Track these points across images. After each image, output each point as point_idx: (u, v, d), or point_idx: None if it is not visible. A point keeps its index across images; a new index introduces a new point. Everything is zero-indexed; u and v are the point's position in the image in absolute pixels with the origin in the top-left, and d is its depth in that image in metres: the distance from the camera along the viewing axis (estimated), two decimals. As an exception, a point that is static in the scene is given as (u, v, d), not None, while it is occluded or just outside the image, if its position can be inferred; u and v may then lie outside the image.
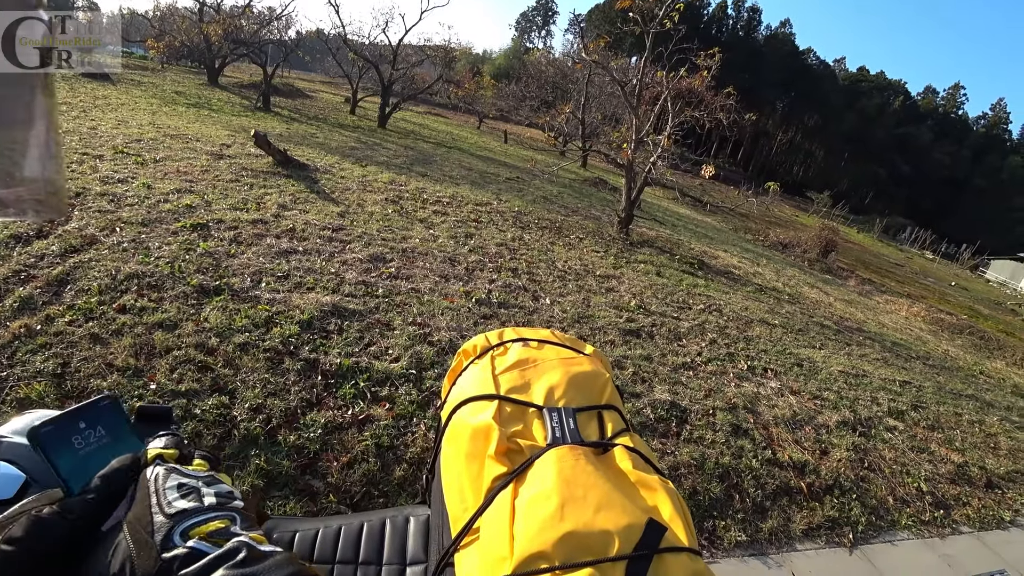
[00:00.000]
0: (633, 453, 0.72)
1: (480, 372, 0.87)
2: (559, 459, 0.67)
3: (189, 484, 0.54)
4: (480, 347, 0.95)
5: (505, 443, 0.71)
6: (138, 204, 4.29)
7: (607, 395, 0.84)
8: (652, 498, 0.65)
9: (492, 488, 0.68)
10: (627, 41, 40.08)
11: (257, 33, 18.06)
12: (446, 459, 0.80)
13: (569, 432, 0.73)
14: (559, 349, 0.94)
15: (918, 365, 6.03)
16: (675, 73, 7.75)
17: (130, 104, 9.64)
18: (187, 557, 0.44)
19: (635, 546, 0.55)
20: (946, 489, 3.35)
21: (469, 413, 0.79)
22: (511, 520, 0.61)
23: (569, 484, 0.63)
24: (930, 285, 19.97)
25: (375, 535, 1.06)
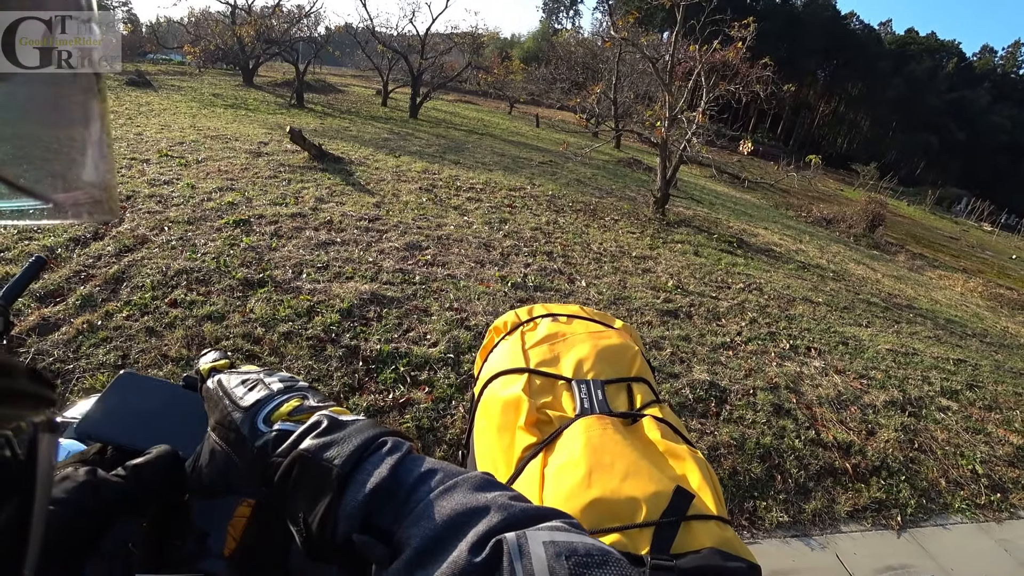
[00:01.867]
0: (662, 424, 0.73)
1: (510, 347, 0.89)
2: (587, 428, 0.69)
3: (251, 378, 0.57)
4: (511, 323, 0.97)
5: (535, 414, 0.73)
6: (184, 204, 4.47)
7: (636, 367, 0.85)
8: (680, 467, 0.66)
9: (523, 458, 0.69)
10: (657, 16, 38.94)
11: (288, 32, 18.37)
12: (479, 432, 0.83)
13: (597, 403, 0.75)
14: (588, 323, 0.95)
15: (974, 343, 5.75)
16: (708, 46, 7.51)
17: (171, 109, 10.00)
18: (277, 438, 0.48)
19: (662, 513, 0.56)
20: (1004, 472, 3.21)
21: (500, 387, 0.81)
22: (541, 488, 0.63)
23: (597, 452, 0.64)
24: (988, 259, 18.89)
25: None
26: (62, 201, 0.39)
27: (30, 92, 0.40)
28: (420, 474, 0.41)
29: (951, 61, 69.78)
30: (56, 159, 0.39)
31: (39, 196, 0.36)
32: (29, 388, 0.47)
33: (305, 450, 0.44)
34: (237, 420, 0.51)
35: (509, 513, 0.35)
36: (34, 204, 0.37)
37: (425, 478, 0.40)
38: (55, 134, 0.40)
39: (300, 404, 0.52)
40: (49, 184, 0.38)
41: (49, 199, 0.37)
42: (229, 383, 0.56)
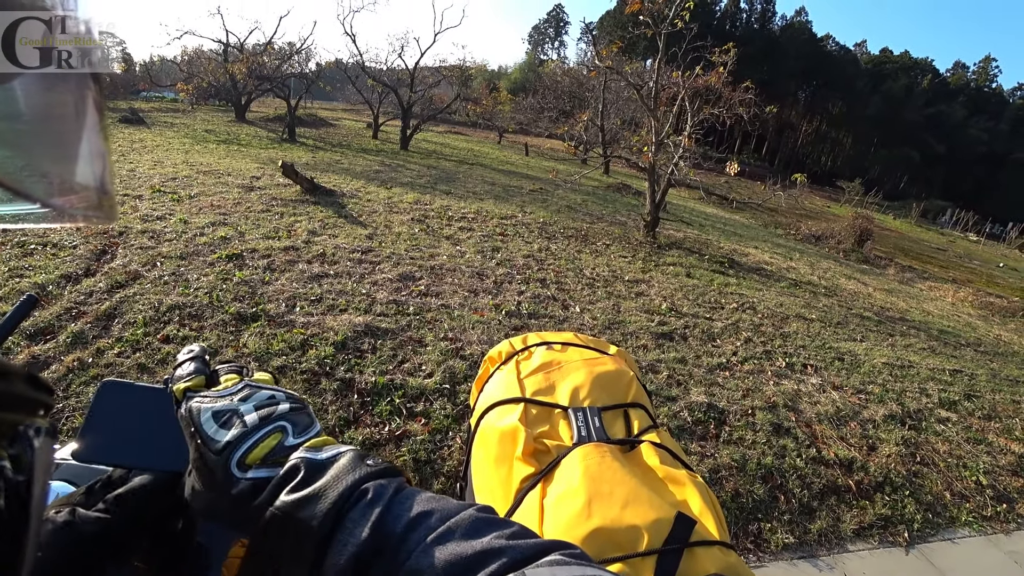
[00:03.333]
0: (660, 449, 0.73)
1: (506, 377, 0.89)
2: (585, 457, 0.68)
3: (225, 409, 0.50)
4: (505, 353, 0.97)
5: (532, 444, 0.72)
6: (176, 239, 4.48)
7: (632, 393, 0.85)
8: (681, 492, 0.65)
9: (521, 489, 0.69)
10: (640, 44, 39.99)
11: (279, 68, 18.72)
12: (476, 463, 0.82)
13: (595, 430, 0.74)
14: (582, 351, 0.95)
15: (969, 352, 5.77)
16: (691, 72, 7.70)
17: (164, 145, 10.10)
18: (252, 488, 0.43)
19: (665, 540, 0.56)
20: (1008, 481, 3.19)
21: (496, 417, 0.81)
22: (540, 520, 0.62)
23: (595, 481, 0.63)
24: (976, 268, 19.10)
25: None
26: (61, 205, 0.39)
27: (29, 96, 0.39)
28: (411, 519, 0.38)
29: (926, 78, 71.84)
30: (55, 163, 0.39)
31: (38, 200, 0.36)
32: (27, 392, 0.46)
33: (279, 509, 0.40)
34: (211, 463, 0.47)
35: (508, 556, 0.34)
36: (32, 208, 0.36)
37: (417, 523, 0.38)
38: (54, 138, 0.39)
39: (278, 443, 0.47)
40: (48, 188, 0.38)
41: (48, 203, 0.37)
42: (201, 416, 0.50)
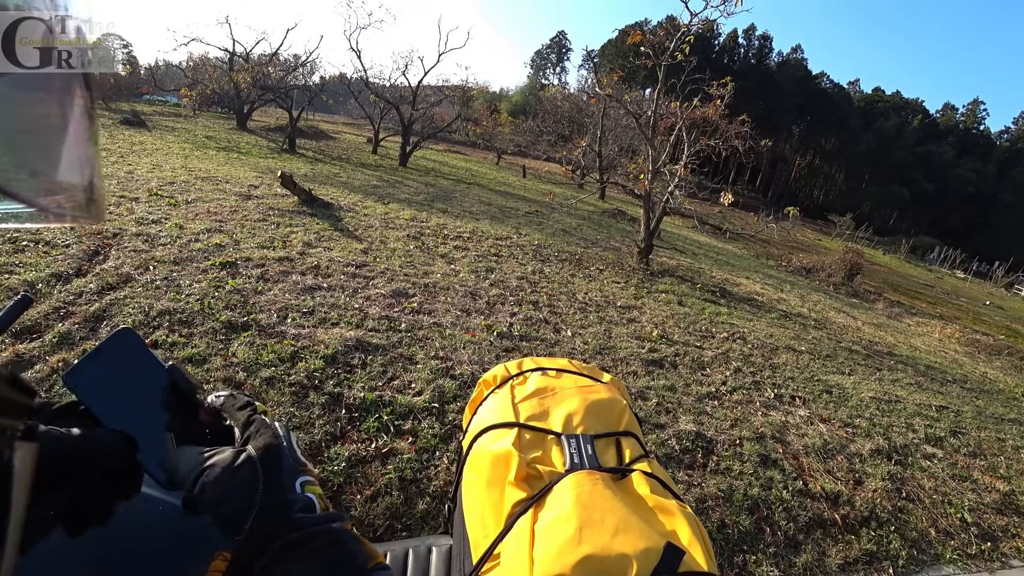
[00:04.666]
0: (651, 479, 0.74)
1: (500, 401, 0.89)
2: (577, 484, 0.69)
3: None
4: (500, 377, 0.98)
5: (525, 469, 0.73)
6: (170, 244, 4.47)
7: (624, 422, 0.86)
8: (671, 522, 0.66)
9: (512, 513, 0.69)
10: (640, 74, 40.83)
11: (283, 79, 18.92)
12: (467, 487, 0.82)
13: (587, 458, 0.75)
14: (577, 378, 0.96)
15: (955, 389, 5.82)
16: (689, 103, 7.87)
17: (164, 149, 10.12)
18: (305, 506, 0.47)
19: (653, 569, 0.56)
20: (992, 520, 3.20)
21: (489, 441, 0.81)
22: (531, 545, 0.62)
23: (587, 508, 0.64)
24: (963, 305, 19.35)
25: (398, 565, 1.07)
26: (47, 205, 0.38)
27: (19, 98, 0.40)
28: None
29: (916, 117, 73.70)
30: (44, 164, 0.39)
31: (26, 200, 0.36)
32: (9, 395, 0.45)
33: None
34: (284, 465, 0.49)
35: None
36: (18, 208, 0.36)
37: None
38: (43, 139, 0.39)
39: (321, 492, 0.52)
40: (35, 188, 0.38)
41: (35, 203, 0.37)
42: (288, 433, 0.54)
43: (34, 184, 0.38)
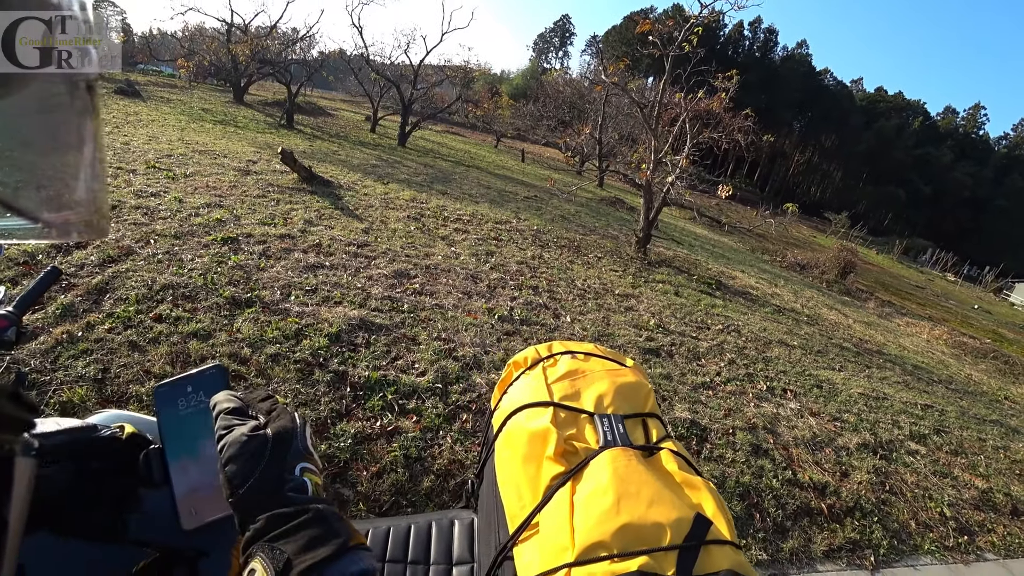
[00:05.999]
0: (678, 456, 0.79)
1: (533, 381, 0.94)
2: (613, 459, 0.74)
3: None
4: (531, 359, 1.02)
5: (562, 445, 0.78)
6: (171, 217, 4.45)
7: (650, 404, 0.91)
8: (697, 496, 0.71)
9: (550, 486, 0.74)
10: (644, 62, 40.50)
11: (282, 53, 18.62)
12: (501, 462, 0.87)
13: (619, 436, 0.80)
14: (604, 361, 1.01)
15: (940, 389, 5.95)
16: (693, 95, 7.85)
17: (160, 120, 9.99)
18: (297, 486, 0.50)
19: (685, 537, 0.62)
20: (970, 515, 3.31)
21: (526, 419, 0.86)
22: (570, 514, 0.67)
23: (624, 481, 0.69)
24: (952, 308, 19.62)
25: (422, 536, 1.12)
26: (52, 220, 0.39)
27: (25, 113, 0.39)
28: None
29: (917, 119, 73.75)
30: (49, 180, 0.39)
31: (29, 216, 0.36)
32: (9, 410, 0.48)
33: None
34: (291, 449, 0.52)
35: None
36: (23, 224, 0.36)
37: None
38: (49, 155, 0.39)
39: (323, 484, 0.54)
40: (39, 203, 0.38)
41: (40, 218, 0.37)
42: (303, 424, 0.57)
43: (39, 199, 0.38)
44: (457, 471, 2.34)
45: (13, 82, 0.38)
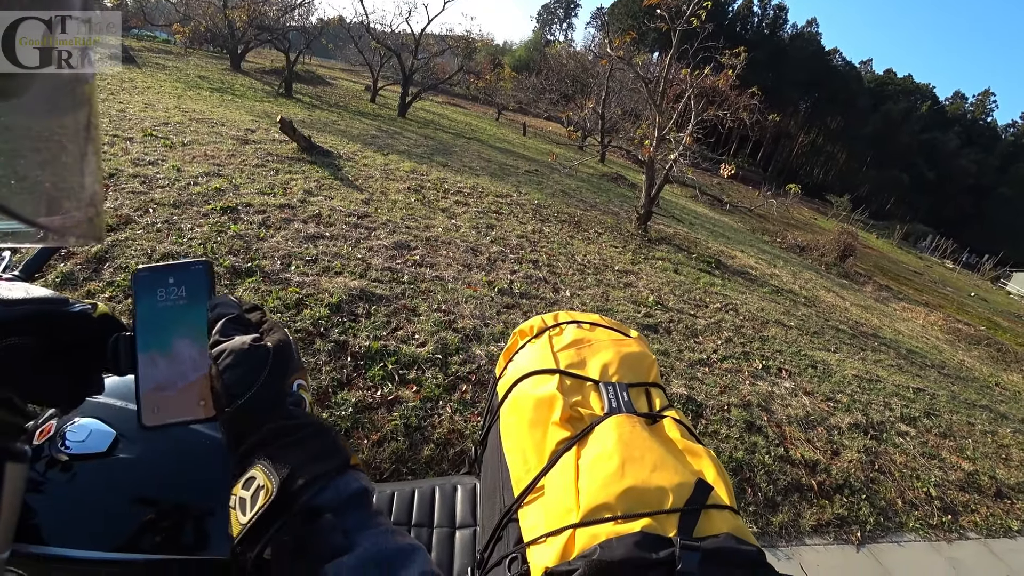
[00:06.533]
0: (680, 424, 0.81)
1: (539, 350, 0.95)
2: (618, 425, 0.75)
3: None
4: (537, 328, 1.03)
5: (568, 411, 0.79)
6: (169, 186, 4.41)
7: (653, 374, 0.93)
8: (698, 463, 0.73)
9: (556, 451, 0.76)
10: (650, 36, 39.72)
11: (280, 19, 18.18)
12: (507, 427, 0.88)
13: (624, 403, 0.82)
14: (609, 332, 1.03)
15: (933, 373, 6.02)
16: (699, 71, 7.73)
17: (155, 88, 9.80)
18: (296, 401, 0.50)
19: (686, 501, 0.64)
20: (955, 496, 3.39)
21: (532, 386, 0.87)
22: (576, 477, 0.69)
23: (628, 446, 0.71)
24: (949, 295, 19.71)
25: (426, 501, 1.15)
26: (47, 224, 0.38)
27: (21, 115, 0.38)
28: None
29: (925, 103, 72.85)
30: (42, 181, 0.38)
31: (23, 219, 0.35)
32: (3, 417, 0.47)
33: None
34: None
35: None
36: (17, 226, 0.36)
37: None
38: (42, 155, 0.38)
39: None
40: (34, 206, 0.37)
41: (36, 223, 0.37)
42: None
43: (33, 202, 0.37)
44: (456, 440, 2.38)
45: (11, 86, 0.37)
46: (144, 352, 0.53)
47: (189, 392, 0.52)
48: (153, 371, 0.53)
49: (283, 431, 0.45)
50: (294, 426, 0.46)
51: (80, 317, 0.58)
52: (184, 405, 0.52)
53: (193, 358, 0.53)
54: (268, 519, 0.41)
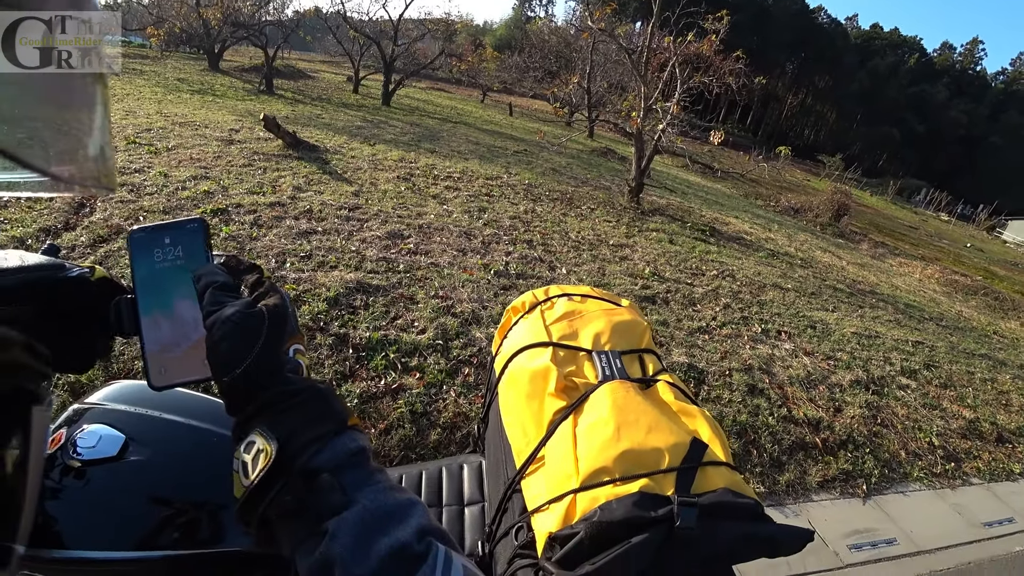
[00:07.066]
0: (673, 387, 0.83)
1: (532, 324, 0.97)
2: (612, 391, 0.77)
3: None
4: (528, 303, 1.05)
5: (563, 381, 0.81)
6: (157, 192, 4.38)
7: (646, 340, 0.94)
8: (693, 423, 0.75)
9: (554, 420, 0.77)
10: (631, 6, 39.16)
11: (255, 14, 17.86)
12: (505, 402, 0.90)
13: (617, 370, 0.83)
14: (599, 302, 1.04)
15: (931, 326, 6.06)
16: (682, 38, 7.64)
17: (135, 94, 9.66)
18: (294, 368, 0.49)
19: (682, 460, 0.65)
20: (957, 443, 3.44)
21: (527, 359, 0.89)
22: (574, 444, 0.71)
23: (623, 411, 0.72)
24: (945, 247, 19.75)
25: (434, 481, 1.17)
26: (59, 173, 0.38)
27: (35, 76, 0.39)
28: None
29: (912, 57, 72.09)
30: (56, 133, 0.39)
31: (36, 168, 0.36)
32: (27, 361, 0.48)
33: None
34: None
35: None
36: (31, 176, 0.36)
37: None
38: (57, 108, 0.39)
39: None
40: (48, 157, 0.37)
41: (47, 172, 0.37)
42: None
43: (45, 152, 0.37)
44: (462, 423, 2.41)
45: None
46: (146, 314, 0.54)
47: (195, 352, 0.52)
48: (157, 333, 0.54)
49: (281, 396, 0.45)
50: (292, 391, 0.46)
51: (78, 282, 0.58)
52: (190, 365, 0.53)
53: (196, 318, 0.52)
54: (269, 481, 0.42)
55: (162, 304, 0.54)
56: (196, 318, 0.52)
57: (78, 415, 0.81)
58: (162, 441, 0.82)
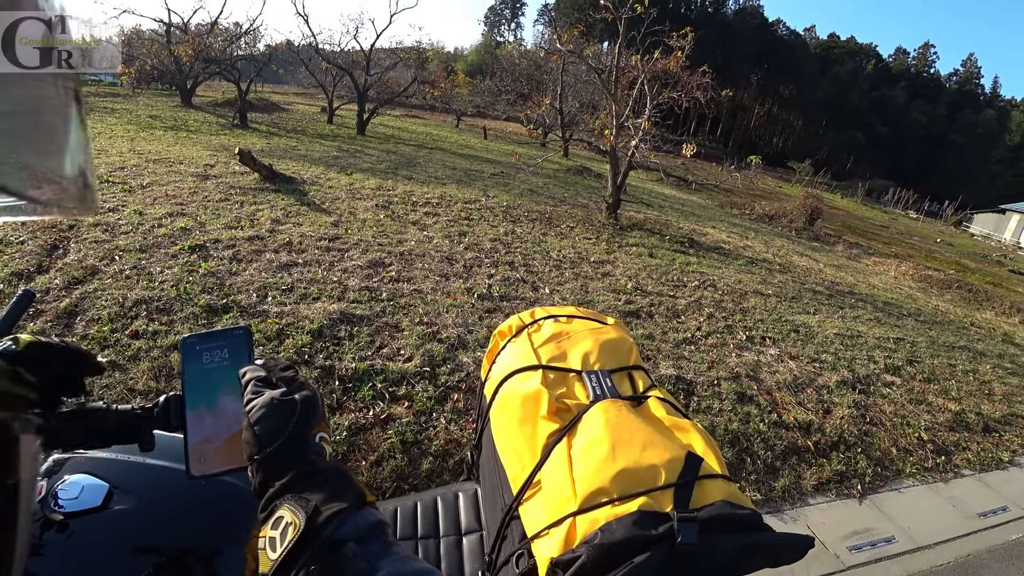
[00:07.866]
0: (664, 403, 0.83)
1: (520, 348, 0.96)
2: (604, 410, 0.77)
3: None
4: (515, 327, 1.04)
5: (554, 403, 0.80)
6: (133, 231, 4.32)
7: (633, 358, 0.94)
8: (686, 437, 0.75)
9: (548, 444, 0.77)
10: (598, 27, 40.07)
11: (226, 50, 17.93)
12: (498, 428, 0.89)
13: (607, 389, 0.83)
14: (586, 322, 1.04)
15: (910, 322, 6.18)
16: (649, 56, 7.83)
17: (106, 132, 9.58)
18: (318, 451, 0.54)
19: (679, 475, 0.65)
20: (946, 436, 3.49)
21: (517, 384, 0.88)
22: (569, 467, 0.70)
23: (616, 430, 0.72)
24: (916, 244, 20.26)
25: (429, 512, 1.15)
26: (39, 196, 0.37)
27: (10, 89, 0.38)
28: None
29: (870, 63, 74.73)
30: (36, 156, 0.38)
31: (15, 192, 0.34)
32: (11, 390, 0.48)
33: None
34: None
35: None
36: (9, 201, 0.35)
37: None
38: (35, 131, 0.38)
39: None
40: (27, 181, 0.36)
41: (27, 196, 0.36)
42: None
43: (24, 176, 0.36)
44: (454, 450, 2.38)
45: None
46: (192, 409, 0.61)
47: (232, 443, 0.59)
48: (200, 426, 0.60)
49: (306, 475, 0.50)
50: (316, 471, 0.51)
51: (3, 356, 0.60)
52: (227, 455, 0.59)
53: (236, 412, 0.60)
54: (297, 552, 0.45)
55: (207, 400, 0.61)
56: (236, 412, 0.60)
57: (59, 465, 0.79)
58: (147, 487, 0.80)
